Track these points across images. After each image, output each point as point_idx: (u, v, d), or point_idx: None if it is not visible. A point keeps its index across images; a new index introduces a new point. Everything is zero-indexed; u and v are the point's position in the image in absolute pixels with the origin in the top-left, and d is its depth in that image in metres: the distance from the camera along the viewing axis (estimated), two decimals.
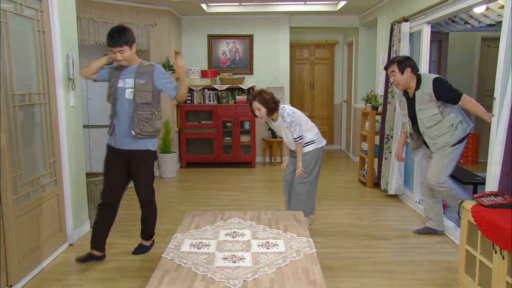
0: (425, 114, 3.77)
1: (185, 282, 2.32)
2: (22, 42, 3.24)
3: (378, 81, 6.27)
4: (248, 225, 3.22)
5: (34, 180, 3.35)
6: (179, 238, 2.95)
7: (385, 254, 3.69)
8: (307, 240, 2.91)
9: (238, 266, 2.51)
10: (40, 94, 3.46)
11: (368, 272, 3.35)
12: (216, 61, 7.71)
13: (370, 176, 5.94)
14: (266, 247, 2.79)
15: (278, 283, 2.32)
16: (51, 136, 3.61)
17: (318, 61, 8.99)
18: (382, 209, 5.00)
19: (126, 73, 3.35)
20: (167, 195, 5.63)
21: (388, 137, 5.42)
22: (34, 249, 3.34)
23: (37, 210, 3.37)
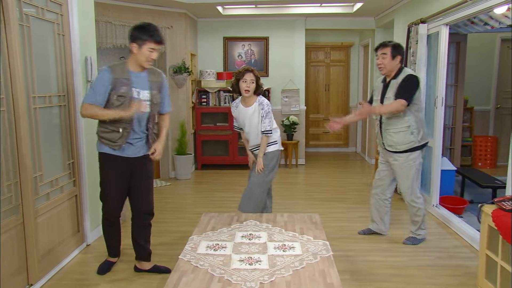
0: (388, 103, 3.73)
1: (202, 284, 2.33)
2: (43, 45, 3.30)
3: None
4: (264, 227, 3.22)
5: (53, 181, 3.41)
6: (195, 240, 2.96)
7: (401, 258, 3.66)
8: (324, 243, 2.90)
9: (255, 269, 2.51)
10: (60, 96, 3.52)
11: (384, 276, 3.33)
12: (231, 63, 7.74)
13: None
14: (283, 250, 2.79)
15: (295, 286, 2.32)
16: (70, 137, 3.67)
17: (334, 63, 8.96)
18: (398, 212, 4.94)
19: (137, 81, 3.03)
20: (182, 197, 5.67)
21: None
22: (53, 249, 3.39)
23: (56, 211, 3.43)
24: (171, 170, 6.78)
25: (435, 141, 4.86)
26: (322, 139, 9.08)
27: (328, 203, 5.25)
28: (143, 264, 3.37)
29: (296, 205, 5.16)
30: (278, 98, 7.72)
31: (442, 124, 4.80)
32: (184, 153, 6.67)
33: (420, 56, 4.93)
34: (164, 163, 6.80)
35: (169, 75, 6.63)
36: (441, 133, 4.82)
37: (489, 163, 7.15)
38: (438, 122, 4.78)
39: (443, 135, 4.88)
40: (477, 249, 3.78)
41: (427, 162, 5.12)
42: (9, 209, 2.87)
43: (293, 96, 7.71)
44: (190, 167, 6.78)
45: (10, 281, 2.87)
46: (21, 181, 2.96)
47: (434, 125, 4.85)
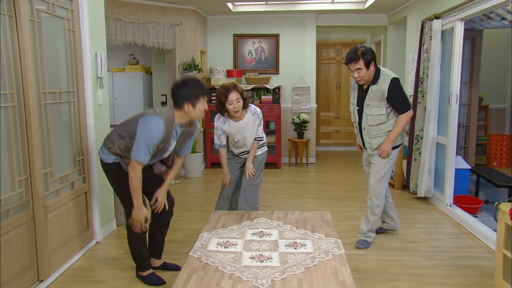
0: (372, 112, 3.61)
1: (213, 281, 2.33)
2: (53, 41, 3.32)
3: (407, 80, 6.17)
4: (275, 225, 3.21)
5: (64, 177, 3.43)
6: (205, 237, 2.96)
7: (415, 257, 3.63)
8: (336, 241, 2.89)
9: (266, 266, 2.50)
10: (70, 92, 3.54)
11: (398, 275, 3.30)
12: (241, 61, 7.73)
13: (398, 178, 5.85)
14: (294, 247, 2.77)
15: (307, 283, 2.30)
16: (79, 134, 3.69)
17: None
18: (411, 212, 4.91)
19: (175, 133, 2.99)
20: (192, 195, 5.68)
21: (417, 138, 5.32)
22: (63, 246, 3.41)
23: (66, 207, 3.45)
24: (180, 169, 6.78)
25: (449, 139, 4.80)
26: (333, 137, 9.04)
27: (339, 202, 5.22)
28: (154, 261, 3.37)
29: (306, 204, 5.14)
30: (289, 96, 7.70)
31: (456, 122, 4.74)
32: (194, 151, 6.67)
33: (434, 53, 4.88)
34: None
35: (178, 72, 6.65)
36: (455, 131, 4.77)
37: (504, 162, 7.06)
38: (452, 120, 4.73)
39: (457, 133, 4.83)
40: (493, 249, 3.72)
41: (440, 160, 5.07)
42: (20, 204, 2.89)
43: (304, 94, 7.68)
44: (200, 166, 6.79)
45: (21, 276, 2.90)
46: (31, 176, 2.98)
47: (448, 123, 4.80)
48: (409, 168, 5.55)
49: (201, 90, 2.90)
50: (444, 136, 4.93)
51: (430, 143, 5.08)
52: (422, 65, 5.18)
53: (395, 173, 5.91)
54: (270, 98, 7.34)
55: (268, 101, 7.32)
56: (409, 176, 5.55)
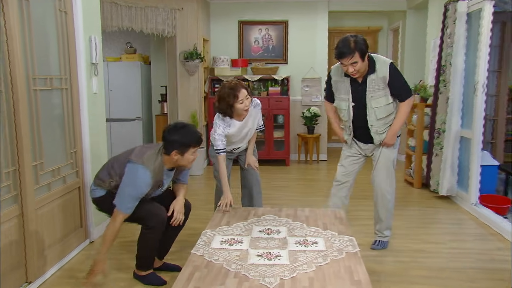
0: (378, 103, 3.47)
1: (217, 279, 2.32)
2: (43, 22, 3.32)
3: (428, 69, 6.13)
4: (284, 222, 3.19)
5: (55, 171, 3.43)
6: (209, 234, 2.95)
7: (437, 259, 3.60)
8: (350, 238, 2.86)
9: (274, 264, 2.49)
10: (62, 79, 3.54)
11: (418, 277, 3.27)
12: (247, 50, 7.72)
13: (418, 175, 5.81)
14: (304, 245, 2.75)
15: (319, 282, 2.28)
16: (72, 124, 3.69)
17: None
18: (433, 211, 4.87)
19: (166, 177, 3.12)
20: (193, 193, 5.67)
21: (439, 131, 5.28)
22: (54, 245, 3.42)
23: (57, 203, 3.45)
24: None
25: (474, 133, 4.76)
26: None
27: (353, 201, 5.16)
28: (155, 261, 3.37)
29: (316, 203, 5.12)
30: (298, 88, 7.68)
31: (482, 114, 4.70)
32: None
33: (458, 38, 4.84)
34: None
35: (179, 61, 6.65)
36: (482, 124, 4.72)
37: None
38: (478, 111, 4.68)
39: (483, 126, 4.78)
40: None
41: (465, 156, 5.03)
42: (7, 199, 2.89)
43: (315, 85, 7.65)
44: (202, 162, 6.79)
45: (7, 277, 2.90)
46: (19, 169, 2.98)
47: (474, 114, 4.75)
48: (430, 164, 5.51)
49: (192, 139, 2.96)
50: (469, 130, 4.89)
51: (453, 137, 5.04)
52: (444, 52, 5.15)
53: (413, 171, 5.88)
54: (278, 90, 7.32)
55: (276, 93, 7.30)
56: (430, 173, 5.51)
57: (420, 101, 5.77)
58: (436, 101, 5.32)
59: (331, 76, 3.65)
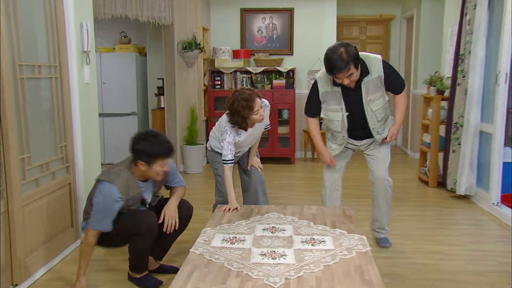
0: (377, 105, 3.48)
1: (217, 279, 2.31)
2: (30, 4, 3.32)
3: (445, 60, 6.11)
4: (289, 220, 3.19)
5: (44, 165, 3.43)
6: (209, 233, 2.94)
7: (455, 261, 3.60)
8: (360, 237, 2.85)
9: (279, 263, 2.48)
10: (51, 67, 3.54)
11: (434, 281, 3.27)
12: (250, 40, 7.72)
13: (433, 173, 5.79)
14: (311, 244, 2.74)
15: (327, 282, 2.27)
16: (62, 116, 3.69)
17: (371, 40, 8.86)
18: (450, 212, 4.86)
19: (145, 189, 3.12)
20: (192, 192, 5.67)
21: (456, 126, 5.26)
22: (42, 245, 3.41)
23: (46, 201, 3.45)
24: (179, 163, 6.79)
25: (495, 127, 4.74)
26: None
27: (363, 200, 5.16)
28: (151, 263, 3.36)
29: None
30: (304, 80, 7.67)
31: (505, 106, 4.68)
32: (195, 143, 6.67)
33: (479, 24, 4.82)
34: None
35: (177, 52, 6.64)
36: (504, 117, 4.70)
37: None
38: (500, 104, 4.66)
39: (506, 120, 4.75)
40: None
41: (485, 152, 5.01)
42: None
43: None
44: (202, 160, 6.78)
45: None
46: (5, 162, 2.98)
47: (495, 107, 4.73)
48: (446, 161, 5.49)
49: (162, 150, 2.95)
50: (490, 124, 4.87)
51: (472, 132, 5.02)
52: (463, 40, 5.13)
53: (429, 169, 5.86)
54: (282, 83, 7.31)
55: (281, 86, 7.29)
56: (446, 171, 5.49)
57: (436, 93, 5.75)
58: (454, 93, 5.30)
59: (318, 87, 3.56)
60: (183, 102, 6.78)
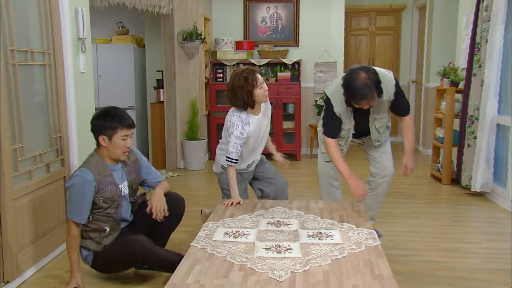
0: (380, 123, 3.64)
1: (220, 272, 2.30)
2: None
3: (460, 50, 6.08)
4: (295, 214, 3.18)
5: (37, 157, 3.43)
6: (211, 227, 2.94)
7: (469, 259, 3.59)
8: (369, 232, 2.84)
9: (284, 257, 2.47)
10: (44, 53, 3.54)
11: (448, 279, 3.26)
12: (253, 30, 7.71)
13: (447, 170, 5.76)
14: (318, 238, 2.74)
15: (335, 276, 2.26)
16: (57, 106, 3.69)
17: (380, 31, 8.83)
18: (464, 209, 4.84)
19: (117, 175, 3.16)
20: (192, 189, 5.69)
21: (471, 119, 5.24)
22: (35, 241, 3.41)
23: (39, 194, 3.44)
24: (179, 159, 6.80)
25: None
26: None
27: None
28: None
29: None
30: (310, 73, 7.66)
31: None
32: (196, 138, 6.67)
33: (497, 10, 4.80)
34: (172, 150, 6.82)
35: (177, 43, 6.64)
36: None
37: None
38: None
39: None
40: None
41: (502, 146, 4.98)
42: None
43: (329, 71, 7.63)
44: (203, 156, 6.78)
45: None
46: None
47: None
48: (461, 157, 5.47)
49: (120, 120, 3.05)
50: (507, 116, 4.84)
51: (489, 125, 5.00)
52: (479, 28, 5.11)
53: (442, 165, 5.83)
54: (288, 75, 7.30)
55: (286, 79, 7.28)
56: (461, 167, 5.46)
57: (450, 85, 5.73)
58: (469, 85, 5.28)
59: (334, 109, 3.51)
60: (183, 96, 6.78)
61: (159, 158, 6.94)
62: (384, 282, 2.20)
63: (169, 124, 6.80)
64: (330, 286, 2.16)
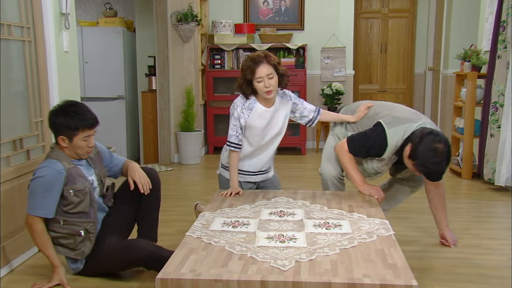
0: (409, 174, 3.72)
1: (217, 262, 2.29)
2: None
3: (483, 31, 6.06)
4: (300, 204, 3.17)
5: (16, 142, 3.42)
6: (207, 216, 2.93)
7: (494, 256, 3.59)
8: (382, 222, 2.84)
9: (288, 246, 2.46)
10: (23, 28, 3.52)
11: (469, 276, 3.25)
12: (254, 12, 7.70)
13: (467, 163, 5.75)
14: (326, 228, 2.73)
15: (344, 265, 2.25)
16: (37, 86, 3.68)
17: (394, 14, 8.83)
18: (487, 204, 4.85)
19: (82, 164, 3.17)
20: (187, 183, 5.71)
21: (495, 106, 5.24)
22: (14, 234, 3.40)
23: (19, 183, 3.43)
24: (173, 153, 6.79)
25: None
26: None
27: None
28: None
29: None
30: (317, 60, 7.66)
31: None
32: (191, 129, 6.66)
33: None
34: (165, 142, 6.82)
35: (171, 25, 6.63)
36: None
37: None
38: None
39: None
40: None
41: None
42: None
43: (338, 56, 7.62)
44: (199, 149, 6.77)
45: None
46: None
47: None
48: (483, 148, 5.46)
49: (81, 121, 3.01)
50: None
51: None
52: (505, 4, 5.11)
53: (462, 158, 5.82)
54: (292, 61, 7.30)
55: (290, 65, 7.26)
56: (483, 159, 5.45)
57: (471, 70, 5.71)
58: (493, 68, 5.27)
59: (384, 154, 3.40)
60: (177, 83, 6.78)
61: (151, 152, 6.94)
62: (398, 272, 2.19)
63: (162, 114, 6.79)
64: (339, 275, 2.15)
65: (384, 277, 2.13)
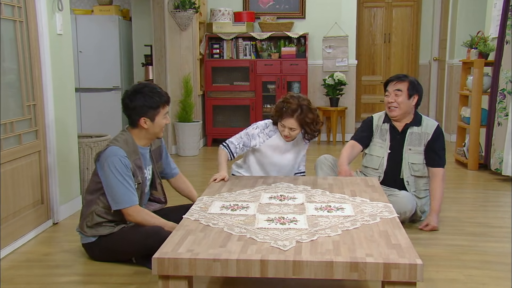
0: (414, 159, 3.87)
1: (216, 243, 2.29)
2: None
3: (490, 17, 6.04)
4: (301, 189, 3.18)
5: (8, 125, 3.41)
6: (205, 200, 2.93)
7: (500, 243, 3.60)
8: (385, 205, 2.85)
9: (289, 228, 2.46)
10: (14, 7, 3.51)
11: (475, 262, 3.26)
12: (254, 0, 7.68)
13: (473, 153, 5.73)
14: (327, 210, 2.73)
15: (346, 245, 2.25)
16: (30, 69, 3.67)
17: (398, 2, 8.85)
18: (494, 194, 4.85)
19: (144, 158, 3.25)
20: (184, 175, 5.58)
21: (503, 93, 5.24)
22: (6, 221, 3.38)
23: (10, 168, 3.42)
24: (171, 144, 6.78)
25: None
26: (379, 110, 8.95)
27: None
28: None
29: None
30: (319, 49, 7.65)
31: None
32: (189, 120, 6.65)
33: None
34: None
35: (168, 12, 6.62)
36: None
37: None
38: None
39: None
40: None
41: None
42: None
43: (340, 46, 7.61)
44: (197, 140, 6.76)
45: None
46: None
47: None
48: (490, 137, 5.45)
49: (159, 98, 3.12)
50: None
51: None
52: None
53: (468, 148, 5.81)
54: (293, 51, 7.30)
55: (290, 55, 7.27)
56: (489, 149, 5.44)
57: (478, 57, 5.70)
58: (500, 55, 5.26)
59: (373, 119, 4.05)
60: (175, 73, 6.77)
61: None
62: (403, 251, 2.19)
63: None
64: (341, 255, 2.15)
65: (388, 257, 2.13)
